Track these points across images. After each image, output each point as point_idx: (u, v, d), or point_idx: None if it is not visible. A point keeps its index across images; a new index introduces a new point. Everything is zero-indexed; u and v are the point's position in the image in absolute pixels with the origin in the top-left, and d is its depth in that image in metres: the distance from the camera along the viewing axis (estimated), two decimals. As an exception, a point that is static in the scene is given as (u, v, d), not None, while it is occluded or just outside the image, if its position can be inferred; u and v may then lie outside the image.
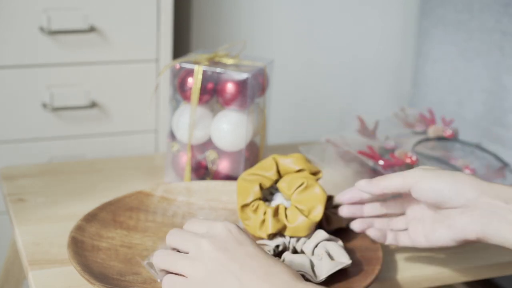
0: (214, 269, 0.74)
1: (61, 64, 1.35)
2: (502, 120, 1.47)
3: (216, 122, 1.17)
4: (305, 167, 0.99)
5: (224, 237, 0.76)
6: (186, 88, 1.16)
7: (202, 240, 0.76)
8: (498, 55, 1.47)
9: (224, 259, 0.74)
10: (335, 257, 0.91)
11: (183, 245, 0.78)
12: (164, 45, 1.39)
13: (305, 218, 0.94)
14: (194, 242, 0.76)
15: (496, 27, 1.47)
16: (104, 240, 0.97)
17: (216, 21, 1.64)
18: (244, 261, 0.74)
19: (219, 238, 0.76)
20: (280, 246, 0.95)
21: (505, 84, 1.46)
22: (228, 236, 0.76)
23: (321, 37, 1.73)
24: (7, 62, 1.32)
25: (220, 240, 0.76)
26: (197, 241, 0.76)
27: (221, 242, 0.76)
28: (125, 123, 1.43)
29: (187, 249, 0.77)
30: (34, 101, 1.35)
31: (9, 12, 1.29)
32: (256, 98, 1.19)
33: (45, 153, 1.39)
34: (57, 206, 1.12)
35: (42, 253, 0.98)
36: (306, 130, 1.79)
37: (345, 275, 0.90)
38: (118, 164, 1.29)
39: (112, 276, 0.89)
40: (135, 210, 1.05)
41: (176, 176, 1.21)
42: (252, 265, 0.73)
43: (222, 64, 1.18)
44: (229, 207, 1.09)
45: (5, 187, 1.17)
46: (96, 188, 1.19)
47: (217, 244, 0.75)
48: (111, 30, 1.36)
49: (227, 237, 0.76)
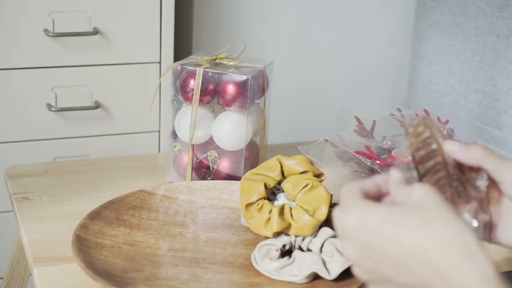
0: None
1: (65, 65, 1.35)
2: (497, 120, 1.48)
3: (217, 123, 1.18)
4: (308, 169, 0.99)
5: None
6: (188, 89, 1.17)
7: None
8: (492, 57, 1.48)
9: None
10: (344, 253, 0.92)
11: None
12: (166, 47, 1.40)
13: (311, 218, 0.95)
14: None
15: (490, 29, 1.48)
16: (107, 238, 0.98)
17: (217, 23, 1.65)
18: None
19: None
20: (287, 245, 0.96)
21: (499, 85, 1.47)
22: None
23: (319, 39, 1.74)
24: (13, 64, 1.33)
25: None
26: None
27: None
28: (128, 123, 1.43)
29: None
30: (39, 102, 1.36)
31: (14, 15, 1.30)
32: (256, 99, 1.20)
33: (50, 153, 1.40)
34: (61, 204, 1.13)
35: (46, 250, 0.99)
36: (305, 130, 1.80)
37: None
38: (121, 164, 1.29)
39: (115, 273, 0.90)
40: (138, 208, 1.06)
41: (177, 175, 1.22)
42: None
43: (223, 65, 1.19)
44: (229, 206, 1.10)
45: (11, 186, 1.18)
46: (99, 187, 1.20)
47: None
48: (114, 32, 1.36)
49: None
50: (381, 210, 0.67)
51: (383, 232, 0.66)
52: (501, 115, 1.46)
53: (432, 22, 1.66)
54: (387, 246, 0.65)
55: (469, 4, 1.53)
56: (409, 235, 0.64)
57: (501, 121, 1.46)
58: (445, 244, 0.63)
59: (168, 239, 1.00)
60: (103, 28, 1.35)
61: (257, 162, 1.24)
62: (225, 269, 0.94)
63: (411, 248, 0.64)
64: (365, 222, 0.67)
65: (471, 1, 1.53)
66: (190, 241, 1.01)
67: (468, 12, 1.53)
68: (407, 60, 1.81)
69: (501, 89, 1.46)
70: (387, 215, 0.66)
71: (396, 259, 0.65)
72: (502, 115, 1.46)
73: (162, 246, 0.99)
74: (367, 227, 0.67)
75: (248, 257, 0.97)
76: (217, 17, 1.64)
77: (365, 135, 1.25)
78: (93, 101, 1.39)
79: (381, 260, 0.66)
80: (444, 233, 0.63)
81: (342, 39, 1.76)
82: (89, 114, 1.39)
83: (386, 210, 0.67)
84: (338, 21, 1.74)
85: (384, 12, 1.77)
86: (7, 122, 1.35)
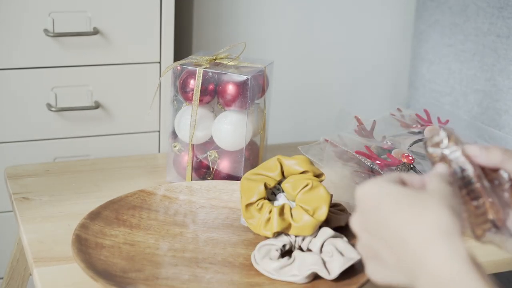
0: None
1: (65, 65, 1.36)
2: (497, 120, 1.48)
3: (217, 123, 1.19)
4: (309, 169, 1.00)
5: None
6: (188, 89, 1.18)
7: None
8: (492, 57, 1.48)
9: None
10: (344, 253, 0.92)
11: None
12: (166, 47, 1.40)
13: (311, 218, 0.95)
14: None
15: (490, 29, 1.48)
16: (107, 238, 0.98)
17: (217, 23, 1.65)
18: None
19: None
20: (287, 245, 0.96)
21: (499, 85, 1.47)
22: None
23: (319, 39, 1.74)
24: (13, 64, 1.33)
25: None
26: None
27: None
28: (128, 123, 1.43)
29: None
30: (39, 102, 1.36)
31: (14, 15, 1.30)
32: (256, 99, 1.20)
33: (50, 153, 1.40)
34: (61, 204, 1.13)
35: (46, 250, 0.99)
36: (305, 130, 1.80)
37: (352, 271, 0.91)
38: (121, 164, 1.30)
39: (115, 273, 0.90)
40: (138, 208, 1.06)
41: (177, 175, 1.23)
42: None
43: (223, 65, 1.19)
44: (229, 206, 1.10)
45: (11, 186, 1.18)
46: (100, 187, 1.20)
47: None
48: (114, 32, 1.36)
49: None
50: (392, 187, 0.69)
51: (382, 205, 0.67)
52: (501, 115, 1.46)
53: (432, 22, 1.66)
54: (381, 220, 0.67)
55: (469, 4, 1.53)
56: (397, 214, 0.66)
57: (501, 121, 1.46)
58: (423, 225, 0.64)
59: (168, 239, 1.01)
60: (103, 28, 1.35)
61: (257, 162, 1.24)
62: (225, 269, 0.94)
63: (395, 226, 0.65)
64: (371, 192, 0.69)
65: (471, 1, 1.53)
66: (190, 241, 1.01)
67: (468, 12, 1.53)
68: (407, 60, 1.82)
69: (501, 89, 1.46)
70: (394, 192, 0.68)
71: (383, 234, 0.67)
72: (502, 115, 1.46)
73: (162, 246, 0.99)
74: (371, 196, 0.68)
75: (248, 257, 0.97)
76: (217, 17, 1.64)
77: (365, 135, 1.25)
78: (93, 101, 1.39)
79: (374, 233, 0.68)
80: (426, 216, 0.64)
81: (342, 39, 1.76)
82: (89, 114, 1.40)
83: (396, 188, 0.68)
84: (338, 21, 1.74)
85: (384, 12, 1.77)
86: (7, 122, 1.36)
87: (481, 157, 0.74)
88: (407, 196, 0.67)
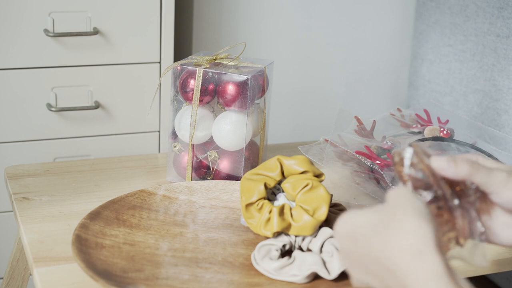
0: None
1: (65, 66, 1.36)
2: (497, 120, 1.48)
3: (217, 123, 1.19)
4: (309, 169, 0.99)
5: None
6: (188, 90, 1.18)
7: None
8: (492, 57, 1.48)
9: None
10: None
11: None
12: (166, 47, 1.40)
13: (311, 218, 0.95)
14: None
15: (490, 29, 1.48)
16: (107, 237, 0.98)
17: (217, 23, 1.65)
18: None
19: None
20: (287, 245, 0.96)
21: (499, 85, 1.47)
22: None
23: (319, 39, 1.74)
24: (13, 64, 1.33)
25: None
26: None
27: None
28: (128, 123, 1.43)
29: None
30: (39, 102, 1.36)
31: (15, 15, 1.30)
32: (256, 99, 1.20)
33: (50, 153, 1.40)
34: (61, 204, 1.13)
35: (46, 250, 0.99)
36: (305, 130, 1.80)
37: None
38: (121, 164, 1.30)
39: (115, 273, 0.90)
40: (138, 208, 1.06)
41: (177, 175, 1.23)
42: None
43: (223, 65, 1.19)
44: (229, 206, 1.10)
45: (11, 186, 1.19)
46: (100, 187, 1.20)
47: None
48: (114, 32, 1.37)
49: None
50: (364, 217, 0.72)
51: (360, 239, 0.70)
52: (501, 115, 1.46)
53: (432, 22, 1.66)
54: (363, 251, 0.70)
55: (469, 4, 1.53)
56: (375, 241, 0.69)
57: (501, 121, 1.47)
58: (396, 247, 0.66)
59: (168, 239, 1.01)
60: (103, 28, 1.36)
61: (257, 162, 1.24)
62: (225, 269, 0.95)
63: (376, 252, 0.68)
64: (346, 229, 0.73)
65: (471, 1, 1.53)
66: (190, 241, 1.01)
67: (468, 12, 1.54)
68: (407, 60, 1.82)
69: (501, 89, 1.46)
70: (367, 221, 0.71)
71: (367, 263, 0.70)
72: (502, 115, 1.46)
73: (162, 246, 0.99)
74: (347, 233, 0.72)
75: (248, 257, 0.97)
76: (217, 17, 1.64)
77: (365, 135, 1.25)
78: (93, 101, 1.39)
79: (361, 263, 0.71)
80: (397, 236, 0.67)
81: (342, 39, 1.76)
82: (89, 114, 1.40)
83: (368, 216, 0.71)
84: (338, 21, 1.74)
85: (384, 12, 1.78)
86: (7, 122, 1.36)
87: (448, 170, 0.75)
88: (380, 221, 0.70)
